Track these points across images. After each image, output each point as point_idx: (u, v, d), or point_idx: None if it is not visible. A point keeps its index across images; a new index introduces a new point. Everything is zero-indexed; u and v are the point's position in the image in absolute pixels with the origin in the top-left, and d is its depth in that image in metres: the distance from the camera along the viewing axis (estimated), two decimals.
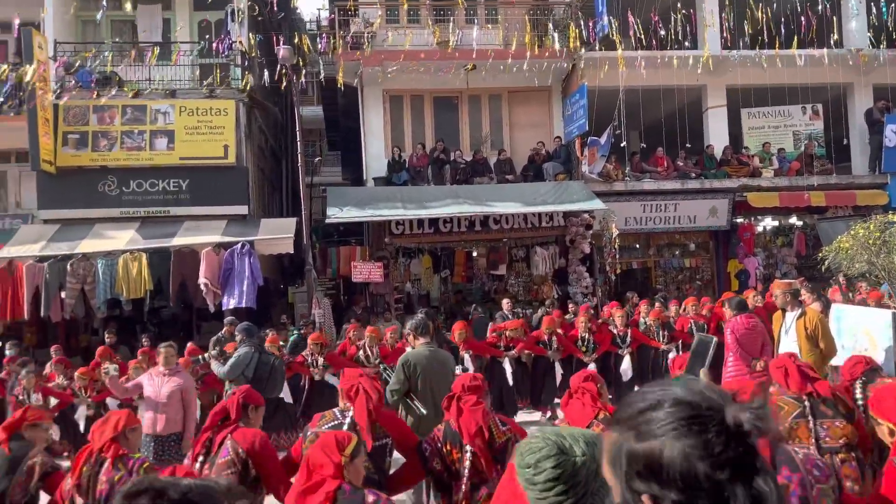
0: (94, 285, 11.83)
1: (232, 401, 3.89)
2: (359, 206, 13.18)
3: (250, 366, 7.36)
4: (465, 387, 3.72)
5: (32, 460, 3.60)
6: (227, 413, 3.85)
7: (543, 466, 1.55)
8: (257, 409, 4.00)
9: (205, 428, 3.87)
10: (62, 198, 12.95)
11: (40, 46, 12.46)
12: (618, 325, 9.80)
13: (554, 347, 9.43)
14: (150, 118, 13.23)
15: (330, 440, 2.77)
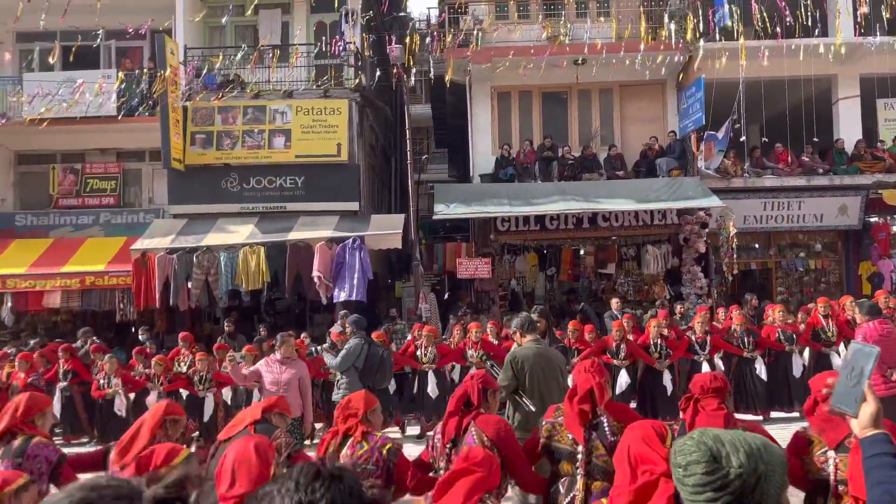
0: (217, 276, 12.53)
1: (472, 386, 3.81)
2: (465, 202, 13.25)
3: (360, 356, 7.56)
4: (704, 388, 3.55)
5: (278, 440, 3.77)
6: (467, 398, 3.80)
7: (693, 471, 1.50)
8: (495, 395, 3.94)
9: (449, 413, 3.83)
10: (189, 194, 13.77)
11: (172, 52, 13.31)
12: (696, 331, 9.33)
13: (621, 356, 9.14)
14: (269, 118, 13.84)
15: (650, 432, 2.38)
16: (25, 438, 3.88)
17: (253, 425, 3.94)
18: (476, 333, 9.33)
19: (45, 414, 4.09)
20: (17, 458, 3.78)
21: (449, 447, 3.75)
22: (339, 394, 7.58)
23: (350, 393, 7.48)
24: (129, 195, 15.13)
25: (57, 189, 14.88)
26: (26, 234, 14.29)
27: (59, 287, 12.89)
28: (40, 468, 3.79)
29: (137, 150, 14.96)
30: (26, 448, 3.83)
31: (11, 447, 3.85)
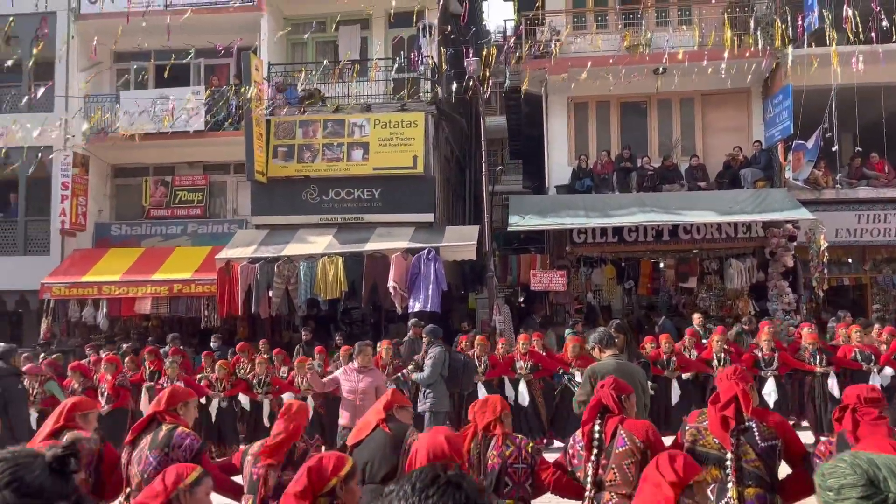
0: (297, 286, 12.85)
1: (606, 394, 3.81)
2: (540, 214, 13.15)
3: (444, 364, 7.60)
4: (862, 398, 3.51)
5: (411, 438, 3.90)
6: (602, 406, 3.80)
7: (847, 494, 1.43)
8: (630, 399, 3.92)
9: (584, 421, 3.84)
10: (271, 205, 14.21)
11: (257, 68, 13.82)
12: (763, 349, 9.19)
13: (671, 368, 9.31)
14: (347, 131, 14.15)
15: None
16: (170, 428, 4.00)
17: (385, 423, 4.10)
18: (524, 345, 9.50)
19: (188, 404, 4.25)
20: (165, 447, 3.91)
21: (596, 454, 3.72)
22: (427, 403, 7.64)
23: (438, 401, 7.54)
24: (214, 206, 15.74)
25: (149, 201, 15.64)
26: (121, 243, 15.08)
27: (150, 294, 13.53)
28: (185, 456, 3.90)
29: (223, 163, 15.56)
30: (172, 437, 3.95)
31: (158, 437, 3.98)
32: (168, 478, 2.98)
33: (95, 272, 13.98)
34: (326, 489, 2.95)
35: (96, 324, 13.82)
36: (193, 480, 2.99)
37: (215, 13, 14.74)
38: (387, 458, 3.97)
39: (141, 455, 3.97)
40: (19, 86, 15.25)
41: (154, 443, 3.99)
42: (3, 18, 14.73)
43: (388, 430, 4.05)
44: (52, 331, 13.82)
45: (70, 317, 13.85)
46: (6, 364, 7.53)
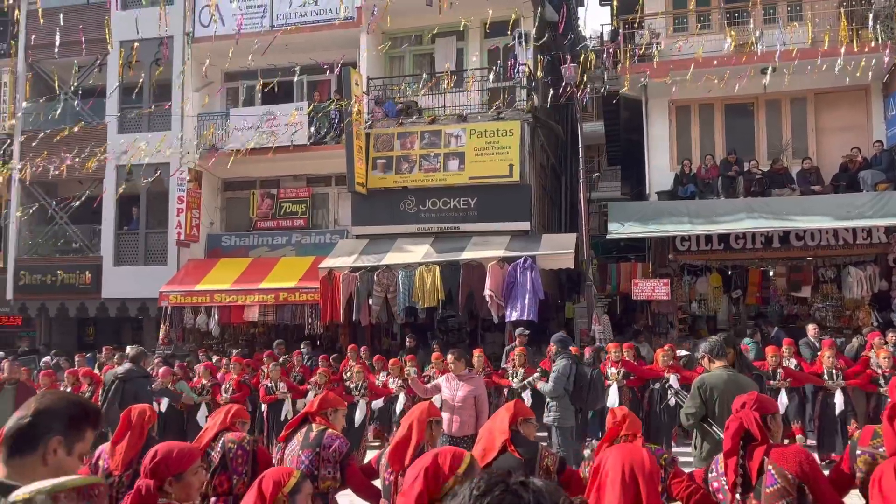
0: (396, 294, 13.08)
1: (748, 416, 3.28)
2: (641, 221, 12.80)
3: (570, 378, 7.45)
4: None
5: (545, 461, 3.82)
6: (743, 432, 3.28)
7: None
8: (776, 418, 3.48)
9: (727, 452, 3.32)
10: (371, 215, 14.56)
11: (357, 83, 14.22)
12: (883, 366, 8.58)
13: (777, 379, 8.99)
14: (444, 142, 14.31)
15: None
16: (321, 429, 4.20)
17: (511, 443, 3.87)
18: (615, 353, 9.41)
19: (337, 411, 4.40)
20: (316, 447, 4.11)
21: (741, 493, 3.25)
22: (550, 416, 7.58)
23: (562, 416, 7.43)
24: (317, 217, 16.29)
25: (256, 213, 16.38)
26: (230, 253, 15.85)
27: (257, 302, 14.14)
28: (334, 457, 4.10)
29: (325, 176, 16.08)
30: (322, 437, 4.15)
31: (309, 436, 4.19)
32: (266, 485, 2.88)
33: (208, 281, 14.76)
34: (445, 490, 2.70)
35: (208, 330, 14.58)
36: (293, 487, 2.90)
37: (317, 31, 15.31)
38: None
39: (293, 454, 4.18)
40: (141, 107, 16.35)
41: (306, 442, 4.19)
42: (126, 44, 15.92)
43: (518, 455, 3.79)
44: (170, 336, 14.68)
45: (185, 323, 14.68)
46: (137, 367, 8.13)
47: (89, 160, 15.52)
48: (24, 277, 16.54)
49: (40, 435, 2.02)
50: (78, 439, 2.11)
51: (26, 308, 16.73)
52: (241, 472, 4.20)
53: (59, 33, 14.74)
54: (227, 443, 4.25)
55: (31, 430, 2.02)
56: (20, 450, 2.01)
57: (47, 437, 2.02)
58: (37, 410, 2.05)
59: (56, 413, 2.07)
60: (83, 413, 2.13)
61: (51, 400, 2.10)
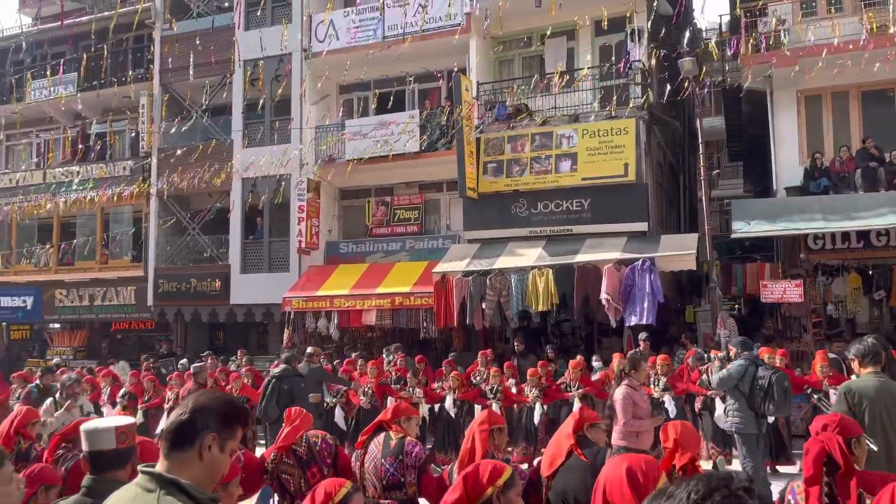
0: (509, 298, 13.03)
1: (831, 440, 3.09)
2: (769, 219, 12.08)
3: (744, 380, 7.14)
4: None
5: None
6: (827, 456, 3.06)
7: None
8: (860, 442, 3.21)
9: (809, 480, 3.08)
10: (482, 220, 14.59)
11: (467, 88, 14.32)
12: None
13: None
14: (555, 143, 14.13)
15: None
16: (400, 437, 4.31)
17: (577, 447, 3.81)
18: (769, 359, 8.67)
19: (411, 420, 4.50)
20: (399, 454, 4.21)
21: None
22: (728, 422, 7.39)
23: (742, 422, 7.13)
24: (429, 223, 16.51)
25: (371, 220, 16.82)
26: (348, 259, 16.35)
27: (374, 307, 14.50)
28: (414, 463, 4.18)
29: (437, 182, 16.28)
30: (403, 445, 4.25)
31: (389, 444, 4.29)
32: (318, 494, 2.92)
33: (327, 287, 15.29)
34: (483, 499, 2.76)
35: (328, 334, 15.10)
36: (342, 497, 2.90)
37: (427, 39, 15.52)
38: (589, 489, 3.70)
39: (375, 462, 4.26)
40: (263, 122, 17.22)
41: (387, 450, 4.27)
42: (249, 62, 16.83)
43: (585, 458, 3.71)
44: (293, 340, 15.31)
45: (307, 327, 15.28)
46: (290, 367, 8.76)
47: (218, 174, 16.52)
48: (163, 285, 17.79)
49: (196, 431, 2.11)
50: (230, 437, 2.19)
51: (164, 314, 17.98)
52: (328, 465, 4.32)
53: (189, 56, 15.81)
54: (311, 437, 4.41)
55: (188, 426, 2.12)
56: (178, 445, 2.11)
57: (203, 433, 2.11)
58: (193, 408, 2.15)
59: (211, 411, 2.16)
60: (235, 412, 2.22)
61: (206, 398, 2.20)
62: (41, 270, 19.76)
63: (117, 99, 18.71)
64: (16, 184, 19.92)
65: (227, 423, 2.17)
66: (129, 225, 19.26)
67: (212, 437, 2.11)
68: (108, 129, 19.83)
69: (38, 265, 19.87)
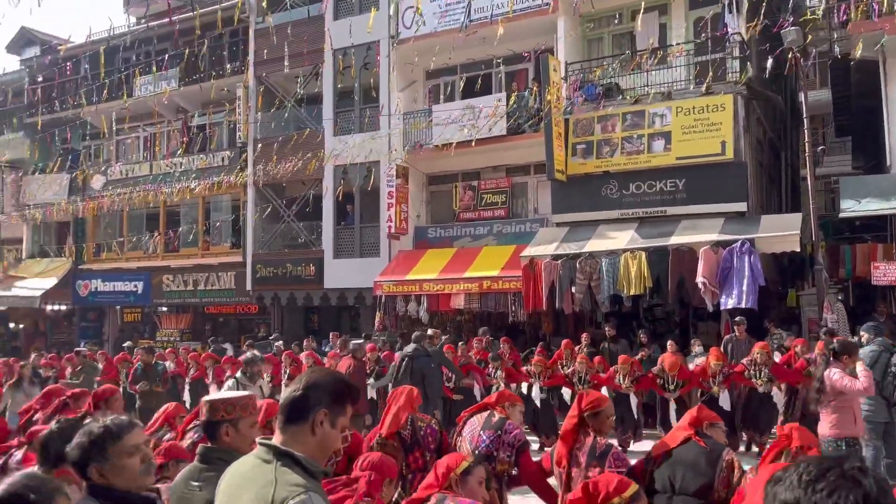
0: (599, 282, 12.82)
1: None
2: (882, 196, 11.36)
3: (876, 367, 6.85)
4: None
5: (730, 456, 3.69)
6: None
7: None
8: None
9: None
10: (571, 203, 14.38)
11: (554, 69, 14.09)
12: None
13: None
14: (647, 122, 13.72)
15: None
16: (502, 417, 4.39)
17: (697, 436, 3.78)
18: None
19: (515, 406, 4.58)
20: (498, 430, 4.28)
21: None
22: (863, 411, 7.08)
23: (871, 409, 6.82)
24: (517, 206, 16.42)
25: (458, 204, 16.89)
26: (436, 244, 16.51)
27: (463, 290, 14.60)
28: (512, 443, 4.23)
29: (524, 165, 16.16)
30: (504, 424, 4.32)
31: (491, 420, 4.37)
32: (440, 467, 3.06)
33: (416, 271, 15.51)
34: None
35: (418, 317, 15.32)
36: (464, 469, 3.05)
37: (513, 21, 15.33)
38: (702, 472, 3.63)
39: (473, 432, 4.33)
40: (352, 109, 17.57)
41: (488, 424, 4.34)
42: (339, 52, 17.17)
43: (703, 445, 3.69)
44: (384, 323, 15.64)
45: (398, 310, 15.57)
46: (420, 346, 9.26)
47: (310, 163, 17.00)
48: (260, 270, 18.53)
49: (309, 407, 2.20)
50: (340, 413, 2.26)
51: (262, 298, 18.74)
52: (432, 450, 4.39)
53: (282, 48, 16.29)
54: (417, 422, 4.49)
55: (301, 401, 2.21)
56: (292, 419, 2.20)
57: (315, 409, 2.19)
58: (307, 384, 2.24)
59: (323, 387, 2.24)
60: (346, 390, 2.29)
61: (319, 375, 2.28)
62: (150, 257, 20.99)
63: (216, 92, 19.52)
64: (126, 175, 21.18)
65: (338, 401, 2.24)
66: (228, 213, 20.15)
67: (323, 412, 2.19)
68: (208, 121, 20.77)
69: (146, 252, 21.12)
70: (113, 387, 5.61)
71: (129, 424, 2.35)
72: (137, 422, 2.41)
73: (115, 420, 2.35)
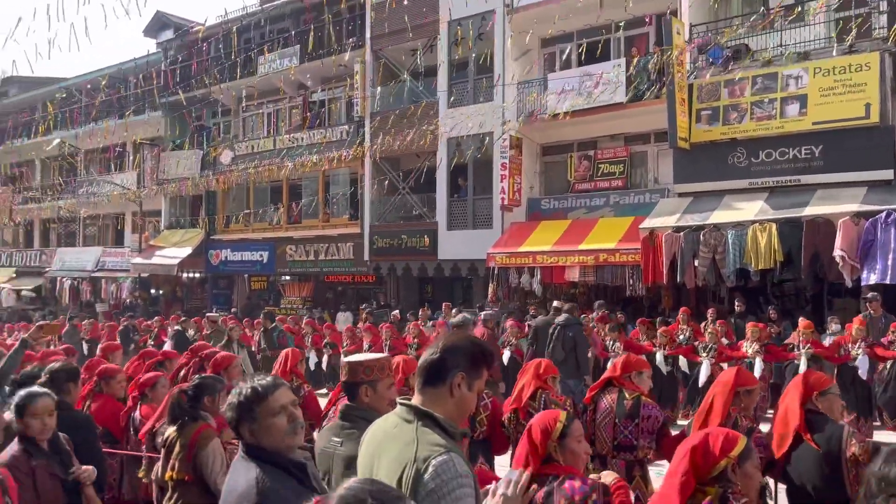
0: (724, 255, 12.26)
1: None
2: None
3: None
4: None
5: (851, 450, 3.30)
6: None
7: None
8: None
9: None
10: (694, 172, 13.75)
11: (678, 32, 13.42)
12: None
13: None
14: (780, 85, 12.83)
15: None
16: (635, 397, 4.20)
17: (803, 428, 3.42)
18: None
19: (642, 374, 4.35)
20: (635, 417, 4.12)
21: None
22: None
23: None
24: (635, 177, 15.91)
25: (573, 175, 16.56)
26: (550, 216, 16.31)
27: (577, 263, 14.38)
28: (651, 427, 4.09)
29: (643, 133, 15.59)
30: (640, 408, 4.14)
31: (624, 405, 4.20)
32: (535, 434, 2.81)
33: (530, 243, 15.41)
34: (715, 472, 2.45)
35: (531, 289, 15.26)
36: (560, 432, 2.79)
37: None
38: (827, 483, 3.24)
39: (608, 422, 4.20)
40: (466, 81, 17.54)
41: (621, 410, 4.18)
42: (453, 23, 17.15)
43: (816, 445, 3.27)
44: (497, 295, 15.70)
45: (510, 282, 15.57)
46: (571, 316, 9.84)
47: (425, 136, 17.18)
48: (377, 242, 19.04)
49: (447, 369, 2.23)
50: (477, 377, 2.29)
51: (379, 268, 19.27)
52: None
53: (399, 21, 16.44)
54: (550, 404, 4.40)
55: (440, 363, 2.24)
56: (431, 381, 2.25)
57: (453, 371, 2.22)
58: (444, 348, 2.27)
59: (460, 350, 2.26)
60: (482, 354, 2.30)
61: (456, 338, 2.30)
62: (274, 228, 22.06)
63: (335, 67, 20.05)
64: (252, 151, 22.28)
65: (474, 364, 2.26)
66: (346, 186, 20.78)
67: (461, 375, 2.22)
68: (328, 96, 21.41)
69: (271, 223, 22.20)
70: (231, 354, 5.98)
71: (275, 385, 2.45)
72: (283, 381, 2.51)
73: (261, 381, 2.46)
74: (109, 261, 26.60)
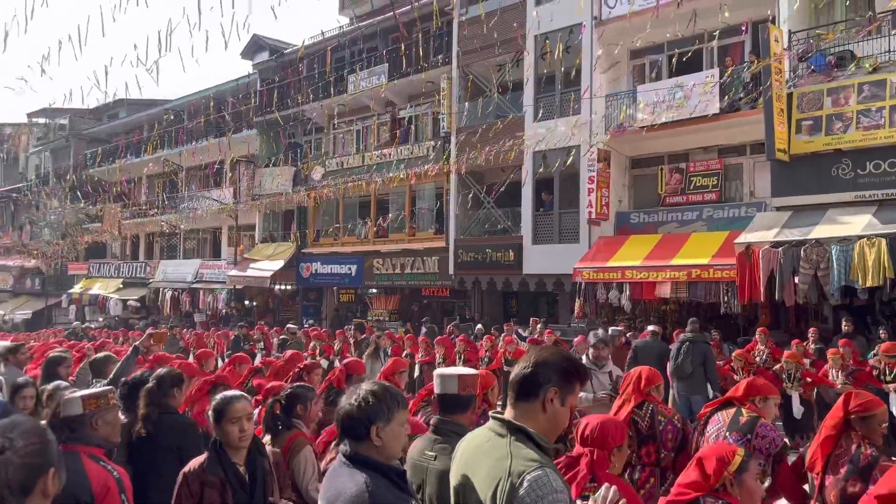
0: (828, 271, 11.63)
1: None
2: None
3: None
4: None
5: None
6: None
7: None
8: None
9: None
10: (794, 185, 13.13)
11: (776, 39, 12.89)
12: None
13: None
14: (889, 92, 12.11)
15: None
16: (754, 417, 3.99)
17: None
18: None
19: (768, 400, 4.15)
20: (748, 433, 3.89)
21: None
22: None
23: None
24: (729, 190, 15.35)
25: (664, 188, 16.14)
26: (639, 230, 15.94)
27: (669, 279, 13.96)
28: (767, 448, 3.86)
29: (738, 145, 15.04)
30: (755, 426, 3.91)
31: (738, 420, 3.98)
32: (709, 463, 2.68)
33: (618, 258, 15.09)
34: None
35: (620, 305, 14.92)
36: (739, 465, 2.66)
37: None
38: None
39: (718, 434, 4.01)
40: (553, 95, 17.45)
41: (735, 425, 3.97)
42: (539, 38, 17.11)
43: None
44: (584, 310, 15.44)
45: (598, 298, 15.27)
46: (699, 333, 10.03)
47: (511, 150, 17.18)
48: (462, 255, 19.14)
49: (539, 384, 2.22)
50: (569, 392, 2.26)
51: (463, 282, 19.35)
52: (669, 448, 4.13)
53: (486, 38, 16.55)
54: (658, 415, 4.20)
55: (532, 378, 2.23)
56: (523, 396, 2.24)
57: (546, 386, 2.21)
58: (536, 362, 2.26)
59: (552, 365, 2.25)
60: (574, 369, 2.27)
61: (548, 353, 2.29)
62: (362, 242, 22.56)
63: (423, 84, 20.37)
64: (341, 167, 22.91)
65: (567, 379, 2.24)
66: (431, 200, 21.03)
67: (553, 390, 2.21)
68: (415, 112, 21.79)
69: (359, 237, 22.72)
70: (315, 362, 6.11)
71: (405, 398, 2.52)
72: None
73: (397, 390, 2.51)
74: (207, 273, 27.91)
